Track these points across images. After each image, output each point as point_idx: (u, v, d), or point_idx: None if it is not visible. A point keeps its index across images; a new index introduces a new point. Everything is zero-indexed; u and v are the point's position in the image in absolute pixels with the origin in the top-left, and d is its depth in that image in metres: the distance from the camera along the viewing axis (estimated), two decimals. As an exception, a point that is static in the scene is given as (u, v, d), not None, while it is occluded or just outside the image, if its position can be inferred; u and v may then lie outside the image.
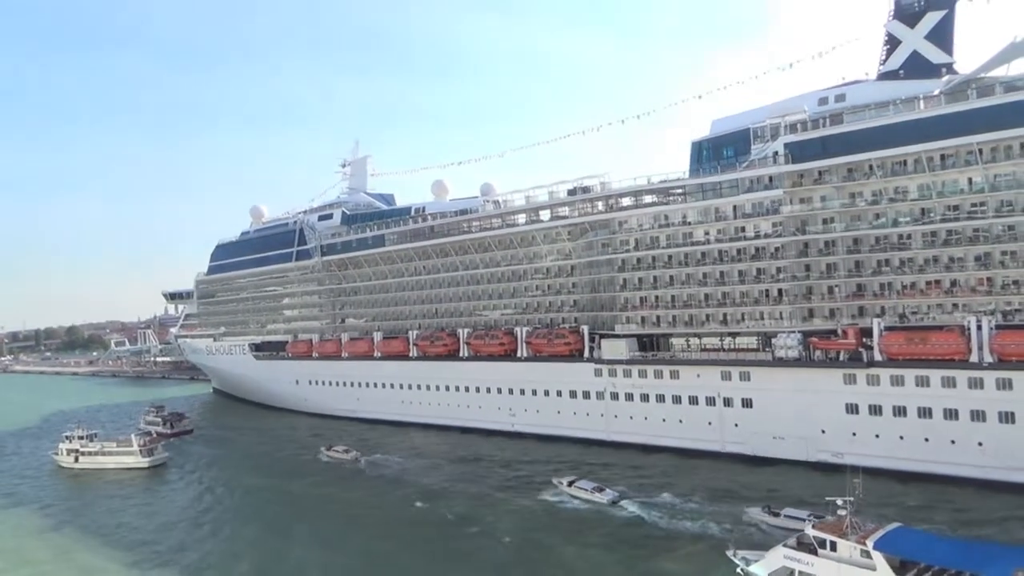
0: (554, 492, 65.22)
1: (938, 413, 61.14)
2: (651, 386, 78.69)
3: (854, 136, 68.85)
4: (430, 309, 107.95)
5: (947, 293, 64.86)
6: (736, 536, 48.27)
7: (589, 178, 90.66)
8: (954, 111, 64.12)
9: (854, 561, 38.23)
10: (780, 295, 72.87)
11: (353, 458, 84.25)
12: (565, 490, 64.71)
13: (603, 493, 62.48)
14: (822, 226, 71.13)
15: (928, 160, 65.36)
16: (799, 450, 66.07)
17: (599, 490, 63.04)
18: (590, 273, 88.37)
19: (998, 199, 62.70)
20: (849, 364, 66.12)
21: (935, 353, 61.92)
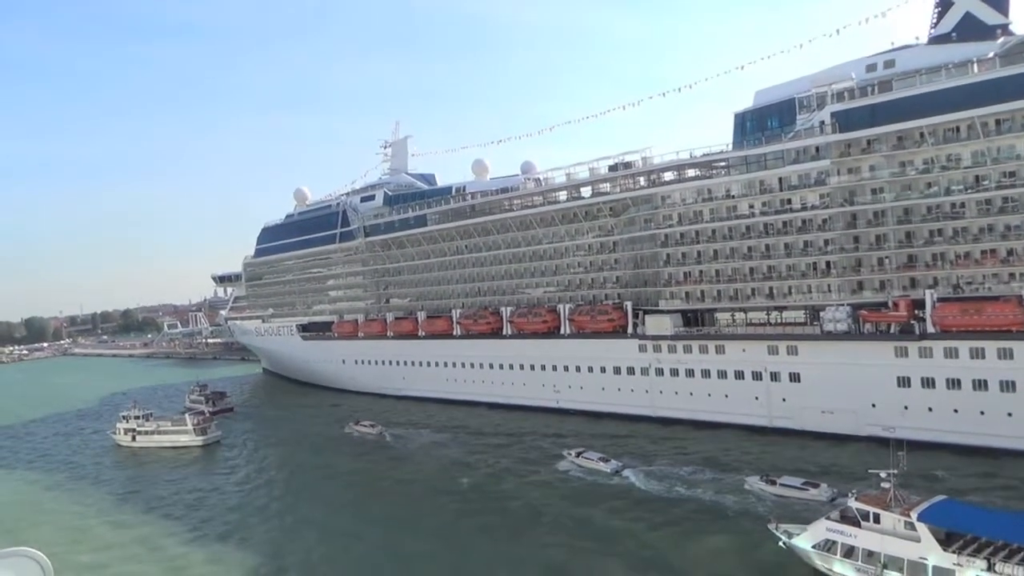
0: (566, 462, 67.80)
1: (994, 385, 59.69)
2: (696, 361, 78.23)
3: (904, 103, 66.90)
4: (473, 288, 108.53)
5: (1003, 262, 62.99)
6: (777, 512, 48.16)
7: (630, 153, 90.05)
8: (1010, 74, 61.77)
9: (898, 533, 37.85)
10: (828, 268, 71.57)
11: (378, 432, 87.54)
12: (574, 460, 66.90)
13: (608, 463, 64.67)
14: (871, 196, 69.54)
15: (983, 126, 63.30)
16: (848, 424, 65.15)
17: (605, 460, 65.29)
18: (632, 249, 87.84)
19: (1015, 169, 60.60)
20: (901, 337, 64.81)
21: (991, 324, 60.33)
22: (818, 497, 52.39)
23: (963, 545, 36.55)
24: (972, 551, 35.96)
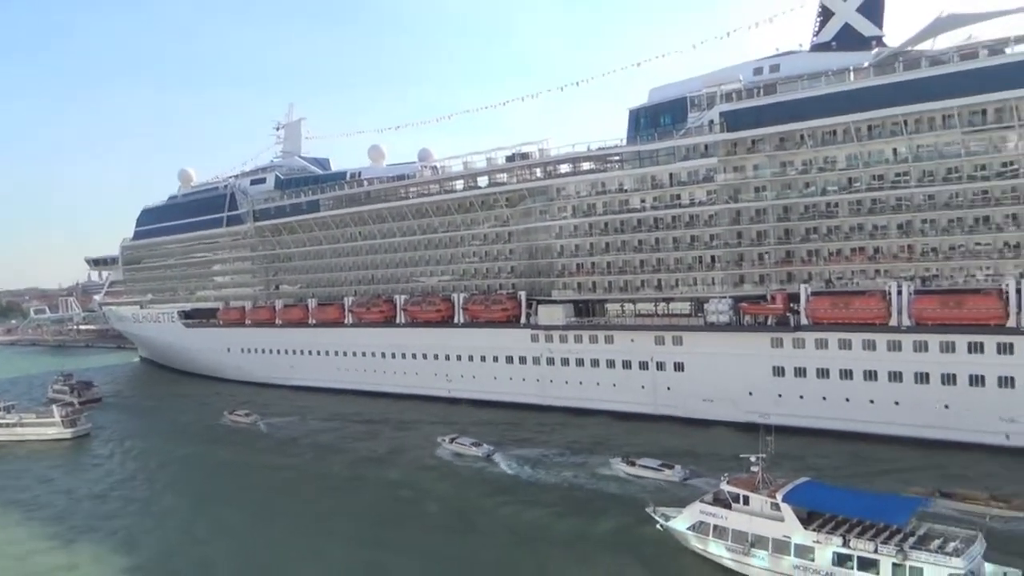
0: (439, 447, 69.23)
1: (858, 375, 63.59)
2: (586, 351, 79.61)
3: (787, 106, 70.10)
4: (366, 275, 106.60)
5: (870, 259, 67.16)
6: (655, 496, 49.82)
7: (528, 145, 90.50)
8: (881, 83, 65.73)
9: (764, 513, 39.77)
10: (713, 261, 74.31)
11: (252, 422, 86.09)
12: (447, 447, 68.24)
13: (480, 448, 66.25)
14: (754, 194, 72.59)
15: (856, 130, 67.05)
16: (727, 411, 67.79)
17: (476, 445, 66.78)
18: (528, 239, 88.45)
19: (920, 169, 64.79)
20: (777, 328, 68.07)
21: (857, 317, 64.19)
22: (671, 477, 55.60)
23: (822, 523, 38.70)
24: (830, 529, 38.12)
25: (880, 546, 35.79)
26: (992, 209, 61.80)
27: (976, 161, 62.29)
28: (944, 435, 58.59)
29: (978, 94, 61.00)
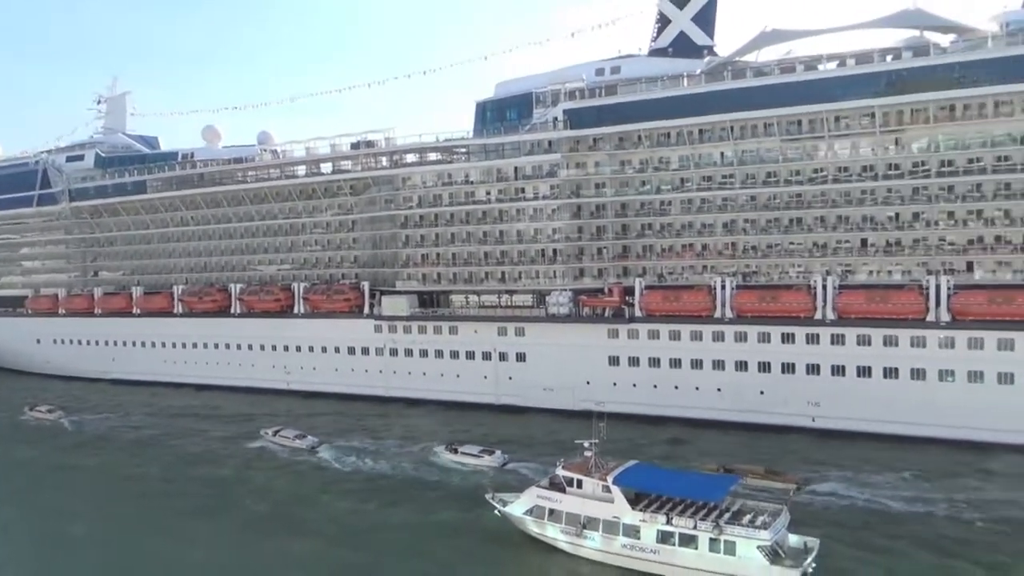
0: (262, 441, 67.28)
1: (686, 363, 67.46)
2: (430, 342, 79.34)
3: (626, 107, 73.13)
4: (198, 263, 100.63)
5: (698, 256, 71.39)
6: (496, 482, 50.63)
7: (373, 132, 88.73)
8: (712, 90, 69.98)
9: (596, 496, 41.37)
10: (555, 255, 76.22)
11: (56, 418, 79.99)
12: (271, 439, 66.58)
13: (304, 440, 65.07)
14: (595, 191, 75.15)
15: (688, 133, 70.97)
16: (566, 400, 69.79)
17: (301, 437, 65.46)
18: (372, 229, 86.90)
19: (744, 172, 69.56)
20: (613, 320, 70.88)
21: (686, 310, 68.04)
22: (491, 463, 57.09)
23: (648, 503, 40.76)
24: (655, 508, 40.21)
25: (699, 523, 38.17)
26: (804, 211, 67.38)
27: (791, 167, 67.66)
28: (761, 419, 63.39)
29: (795, 105, 66.24)
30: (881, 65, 64.70)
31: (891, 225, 64.49)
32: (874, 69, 64.41)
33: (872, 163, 64.97)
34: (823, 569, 37.18)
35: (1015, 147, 60.26)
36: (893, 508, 45.89)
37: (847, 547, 40.21)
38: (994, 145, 60.94)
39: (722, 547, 37.18)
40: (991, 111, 60.77)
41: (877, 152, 64.82)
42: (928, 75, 62.21)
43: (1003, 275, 60.74)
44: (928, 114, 62.37)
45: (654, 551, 38.90)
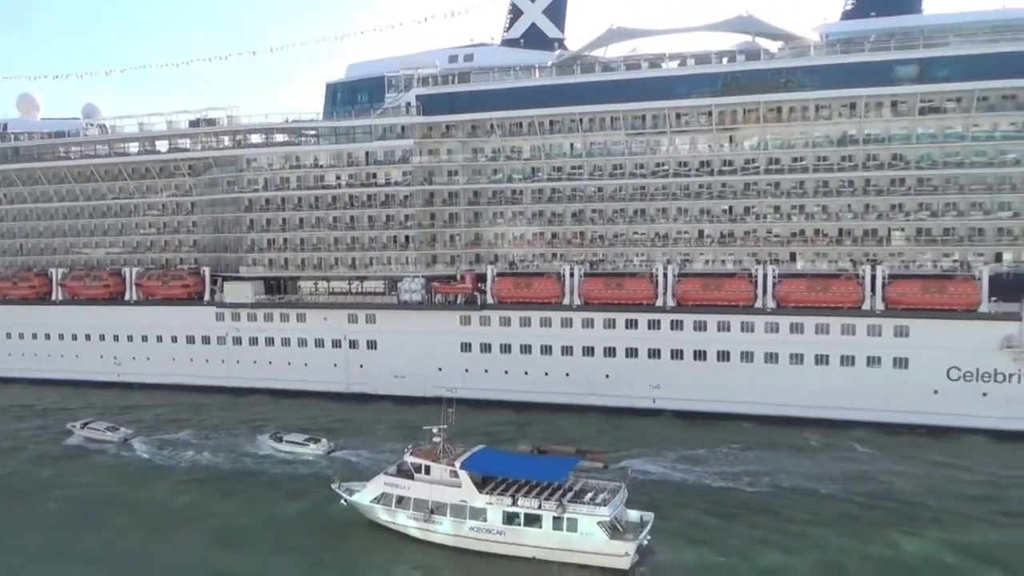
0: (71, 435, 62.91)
1: (536, 349, 68.86)
2: (277, 330, 76.42)
3: (479, 96, 73.44)
4: (12, 245, 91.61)
5: (549, 244, 72.99)
6: (339, 472, 49.56)
7: (215, 110, 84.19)
8: (562, 83, 71.68)
9: (444, 481, 41.46)
10: (407, 241, 75.48)
11: None
12: (80, 433, 62.45)
13: (116, 432, 61.73)
14: (447, 178, 75.02)
15: (540, 124, 72.28)
16: (418, 387, 69.19)
17: (113, 430, 62.07)
18: (213, 212, 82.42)
19: (592, 164, 71.71)
20: (465, 307, 71.14)
21: (536, 297, 69.41)
22: (317, 451, 56.38)
23: (495, 487, 41.24)
24: (501, 491, 40.77)
25: (543, 503, 39.08)
26: (647, 203, 70.42)
27: (636, 160, 70.50)
28: (607, 402, 65.76)
29: (640, 101, 69.03)
30: (718, 67, 68.67)
31: (725, 218, 68.69)
32: (712, 70, 68.30)
33: (709, 159, 68.90)
34: (658, 540, 39.15)
35: (832, 148, 65.73)
36: (722, 482, 48.87)
37: (680, 519, 42.49)
38: (815, 146, 66.19)
39: (565, 525, 38.26)
40: (813, 114, 65.95)
41: (713, 149, 68.80)
42: (759, 78, 66.76)
43: (820, 265, 66.26)
44: (759, 114, 66.87)
45: (500, 532, 39.44)
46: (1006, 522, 42.55)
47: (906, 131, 64.14)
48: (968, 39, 62.51)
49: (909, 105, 63.49)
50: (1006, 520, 42.80)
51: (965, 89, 61.69)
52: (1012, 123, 61.87)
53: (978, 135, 62.55)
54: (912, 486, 47.89)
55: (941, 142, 63.39)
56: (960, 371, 59.09)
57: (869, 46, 63.90)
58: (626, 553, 37.12)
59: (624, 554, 37.17)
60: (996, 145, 62.19)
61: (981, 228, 62.69)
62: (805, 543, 40.04)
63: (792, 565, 38.15)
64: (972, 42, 62.16)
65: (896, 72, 63.74)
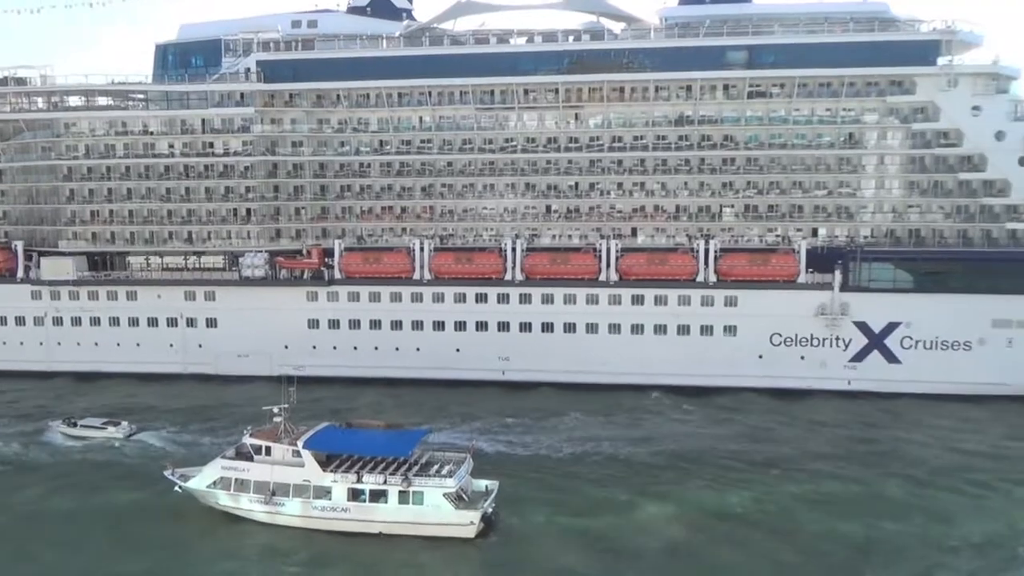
0: None
1: (386, 325, 68.07)
2: (104, 309, 70.97)
3: (324, 64, 70.99)
4: None
5: (398, 219, 72.05)
6: (175, 457, 47.10)
7: (26, 68, 76.27)
8: (411, 54, 70.60)
9: (287, 461, 40.26)
10: (248, 215, 72.05)
11: None
12: None
13: None
14: (292, 149, 72.15)
15: (388, 96, 70.79)
16: (263, 366, 66.43)
17: None
18: (26, 181, 75.20)
19: (441, 138, 71.22)
20: (312, 283, 69.07)
21: (386, 272, 68.42)
22: (116, 435, 53.62)
23: (339, 464, 40.50)
24: (346, 468, 40.10)
25: (389, 477, 38.85)
26: (497, 178, 70.92)
27: (485, 135, 70.70)
28: (458, 375, 66.00)
29: (488, 76, 69.16)
30: (565, 45, 69.99)
31: (571, 193, 70.41)
32: (558, 48, 69.55)
33: (556, 135, 70.21)
34: (505, 508, 39.93)
35: (670, 128, 68.70)
36: (569, 449, 50.54)
37: (527, 486, 43.53)
38: (654, 125, 68.96)
39: (411, 498, 38.21)
40: (653, 95, 68.56)
41: (560, 125, 70.14)
42: (603, 58, 68.67)
43: (660, 239, 69.49)
44: (603, 93, 68.78)
45: (345, 509, 38.84)
46: (815, 468, 46.81)
47: (736, 113, 68.10)
48: (791, 29, 67.12)
49: (739, 89, 67.39)
50: (819, 468, 47.08)
51: (787, 76, 66.24)
52: (827, 109, 67.07)
53: (799, 119, 67.43)
54: (737, 445, 51.60)
55: (767, 125, 67.76)
56: (781, 337, 64.14)
57: (704, 31, 67.17)
58: (471, 522, 37.63)
59: (469, 523, 37.66)
60: (814, 128, 67.30)
61: (800, 205, 67.80)
62: (647, 500, 42.18)
63: (636, 522, 40.00)
64: (794, 32, 66.79)
65: (728, 57, 67.48)
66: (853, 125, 66.68)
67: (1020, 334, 61.63)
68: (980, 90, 64.49)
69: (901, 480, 45.56)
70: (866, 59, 65.07)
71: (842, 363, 63.72)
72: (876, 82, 66.10)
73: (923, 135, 65.58)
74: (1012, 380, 60.83)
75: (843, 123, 66.76)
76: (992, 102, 64.25)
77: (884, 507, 41.86)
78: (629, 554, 36.84)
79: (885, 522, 40.11)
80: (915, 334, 62.81)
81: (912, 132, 65.64)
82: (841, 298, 63.21)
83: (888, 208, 66.99)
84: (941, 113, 64.77)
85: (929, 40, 65.31)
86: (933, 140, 65.50)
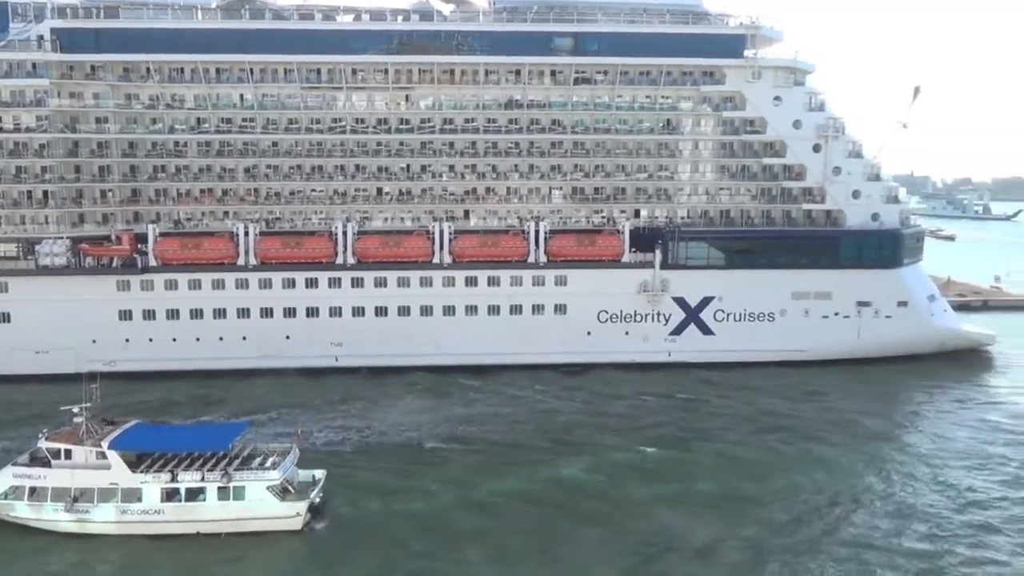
0: None
1: (208, 313, 64.35)
2: None
3: (131, 35, 65.51)
4: None
5: (219, 201, 68.12)
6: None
7: None
8: (229, 28, 66.53)
9: (90, 464, 37.26)
10: (45, 197, 65.35)
11: None
12: None
13: None
14: (95, 125, 66.28)
15: (204, 71, 66.60)
16: (67, 363, 60.37)
17: None
18: None
19: (265, 117, 67.98)
20: (123, 271, 63.98)
21: (207, 258, 64.61)
22: None
23: (151, 463, 37.91)
24: (159, 467, 37.59)
25: (207, 474, 36.78)
26: (325, 160, 68.69)
27: (312, 115, 68.23)
28: (288, 363, 63.58)
29: (314, 54, 66.78)
30: (393, 24, 68.79)
31: (403, 175, 69.49)
32: (387, 27, 68.24)
33: (386, 117, 68.98)
34: (337, 496, 39.12)
35: (501, 112, 69.38)
36: (402, 433, 50.22)
37: (359, 472, 42.88)
38: (485, 108, 69.36)
39: (232, 494, 36.41)
40: (483, 78, 68.89)
41: (390, 107, 69.00)
42: (433, 39, 68.16)
43: (492, 222, 70.20)
44: (433, 75, 68.31)
45: (159, 511, 36.40)
46: (640, 437, 49.38)
47: (563, 99, 69.81)
48: (613, 18, 69.59)
49: (565, 75, 69.12)
50: (640, 435, 49.66)
51: (610, 63, 68.72)
52: (647, 96, 70.25)
53: (621, 105, 70.19)
54: (568, 419, 53.47)
55: (592, 110, 69.95)
56: (608, 314, 66.98)
57: (531, 17, 68.23)
58: (297, 513, 36.48)
59: (295, 515, 36.50)
60: (635, 115, 70.34)
61: (624, 188, 70.81)
62: (485, 479, 42.67)
63: (474, 501, 40.35)
64: (616, 21, 69.33)
65: (555, 43, 68.98)
66: (670, 112, 70.36)
67: (815, 305, 68.02)
68: (781, 82, 69.93)
69: (716, 443, 49.03)
70: (681, 50, 68.77)
71: (663, 337, 67.54)
72: (691, 72, 70.04)
73: (732, 123, 70.30)
74: (808, 346, 67.08)
75: (661, 110, 70.28)
76: (791, 93, 69.96)
77: (698, 470, 44.91)
78: (466, 536, 36.80)
79: (699, 483, 43.04)
80: (726, 307, 67.69)
81: (722, 120, 70.21)
82: (661, 275, 66.89)
83: (702, 191, 71.37)
84: (747, 102, 69.66)
85: (736, 34, 70.05)
86: (741, 127, 70.39)
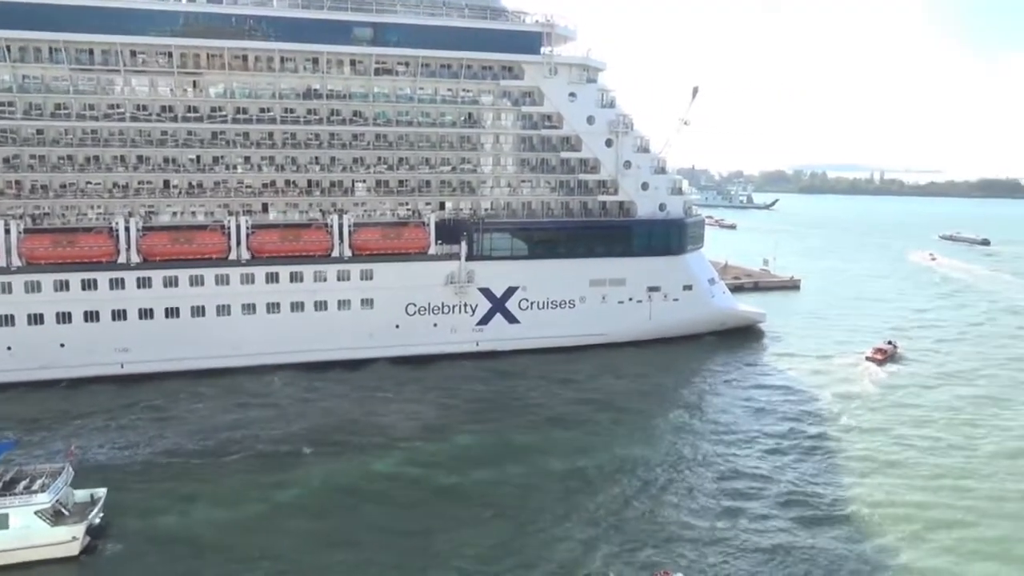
0: None
1: (78, 317, 58.96)
2: None
3: None
4: None
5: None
6: None
7: None
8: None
9: None
10: None
11: None
12: None
13: None
14: None
15: None
16: None
17: None
18: None
19: (27, 101, 61.12)
20: None
21: (84, 256, 59.04)
22: None
23: None
24: None
25: (-40, 503, 32.62)
26: (102, 150, 62.99)
27: (85, 100, 62.28)
28: (64, 373, 57.98)
29: (85, 32, 60.90)
30: (178, 5, 64.40)
31: (193, 167, 65.23)
32: (171, 8, 63.91)
33: (172, 104, 64.37)
34: (117, 516, 36.04)
35: (299, 101, 66.98)
36: (192, 443, 47.07)
37: (145, 487, 39.87)
38: (282, 97, 66.60)
39: (-8, 523, 32.57)
40: (279, 65, 66.07)
41: (176, 93, 64.43)
42: (223, 22, 64.45)
43: (292, 215, 67.68)
44: (224, 61, 64.64)
45: (-102, 552, 31.77)
46: (479, 429, 49.88)
47: (364, 90, 68.63)
48: (412, 10, 69.28)
49: (366, 65, 67.94)
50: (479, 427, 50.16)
51: (411, 55, 68.37)
52: (449, 89, 70.68)
53: (423, 97, 70.16)
54: (379, 418, 52.89)
55: (394, 102, 69.38)
56: (416, 306, 66.95)
57: (328, 4, 66.31)
58: (73, 538, 33.33)
59: (71, 539, 33.34)
60: (437, 107, 70.57)
61: (428, 180, 70.86)
62: (284, 486, 41.11)
63: (275, 509, 38.90)
64: (416, 13, 69.09)
65: (355, 33, 67.60)
66: (472, 106, 71.32)
67: (611, 291, 72.03)
68: (575, 79, 73.06)
69: (525, 427, 50.61)
70: (480, 44, 69.86)
71: (470, 327, 68.62)
72: (491, 66, 71.35)
73: (531, 117, 72.53)
74: (606, 330, 71.06)
75: (463, 103, 71.05)
76: (584, 90, 73.30)
77: (512, 453, 46.13)
78: (262, 553, 34.83)
79: (510, 465, 44.22)
80: (530, 296, 69.99)
81: (522, 114, 72.23)
82: (467, 267, 67.84)
83: (504, 183, 73.09)
84: (545, 98, 72.17)
85: (533, 31, 72.26)
86: (540, 122, 72.81)
